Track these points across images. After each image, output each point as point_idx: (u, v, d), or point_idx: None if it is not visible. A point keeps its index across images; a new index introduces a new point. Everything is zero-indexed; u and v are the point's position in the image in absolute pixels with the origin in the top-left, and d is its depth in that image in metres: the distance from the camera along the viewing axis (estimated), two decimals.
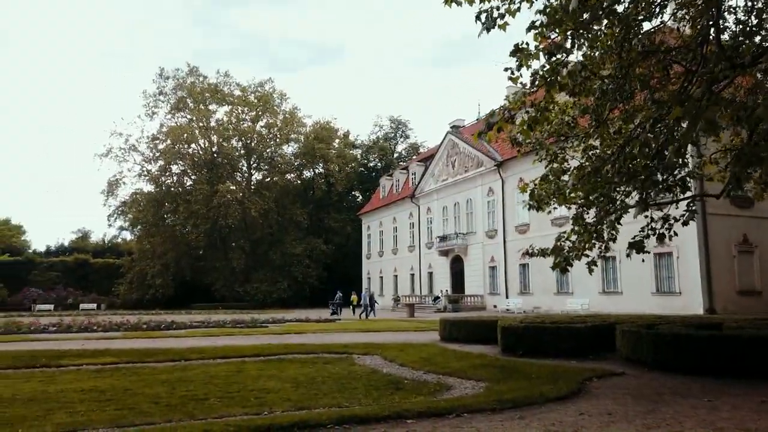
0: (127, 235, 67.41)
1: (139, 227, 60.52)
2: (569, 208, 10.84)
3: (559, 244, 9.71)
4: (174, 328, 21.59)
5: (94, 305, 55.59)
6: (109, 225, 73.75)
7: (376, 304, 34.61)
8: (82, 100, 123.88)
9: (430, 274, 46.08)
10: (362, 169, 67.97)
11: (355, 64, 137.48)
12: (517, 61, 7.16)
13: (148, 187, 59.52)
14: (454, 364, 10.16)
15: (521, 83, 7.70)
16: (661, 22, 9.18)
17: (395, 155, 68.58)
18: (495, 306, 36.62)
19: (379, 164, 67.56)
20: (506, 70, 7.33)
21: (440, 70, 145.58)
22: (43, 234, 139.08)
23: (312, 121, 64.52)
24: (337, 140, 65.47)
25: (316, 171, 65.19)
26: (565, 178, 9.94)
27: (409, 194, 48.91)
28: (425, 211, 47.39)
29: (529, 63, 7.20)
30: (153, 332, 20.07)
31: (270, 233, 58.10)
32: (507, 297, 36.01)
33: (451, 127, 44.92)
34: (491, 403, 6.58)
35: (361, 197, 68.18)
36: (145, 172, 58.92)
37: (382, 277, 54.19)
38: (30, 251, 69.74)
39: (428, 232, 46.83)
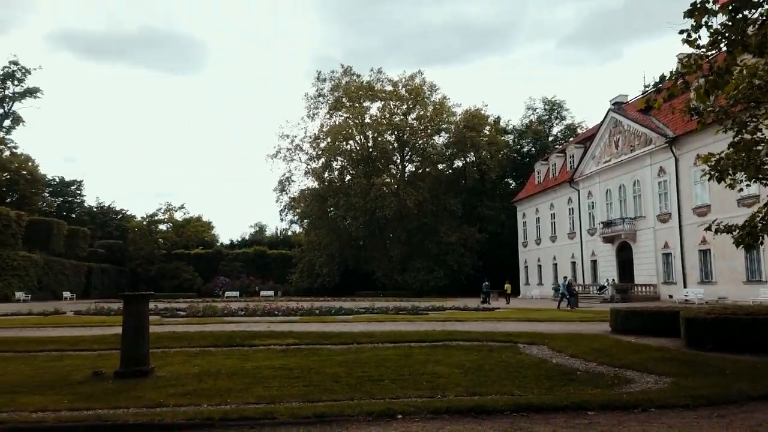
0: (297, 228, 73.38)
1: (306, 221, 65.49)
2: (766, 185, 9.47)
3: (752, 220, 8.47)
4: (342, 313, 23.05)
5: (272, 292, 61.52)
6: (281, 219, 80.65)
7: (575, 293, 30.64)
8: (254, 104, 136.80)
9: (594, 262, 43.47)
10: (515, 155, 66.10)
11: (505, 49, 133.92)
12: (693, 21, 6.48)
13: (313, 184, 64.03)
14: (631, 357, 9.53)
15: (697, 45, 6.94)
16: None
17: (550, 138, 65.54)
18: (671, 296, 33.44)
19: (533, 149, 65.13)
20: (682, 32, 6.67)
21: (596, 46, 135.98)
22: (228, 228, 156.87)
23: (462, 110, 64.27)
24: (488, 127, 64.42)
25: (468, 159, 64.82)
26: (759, 148, 8.72)
27: (568, 178, 46.50)
28: (586, 195, 44.74)
29: (708, 22, 6.47)
30: (325, 317, 21.63)
31: (425, 223, 59.17)
32: (685, 286, 32.67)
33: (612, 104, 41.77)
34: (682, 399, 6.08)
35: (514, 184, 66.41)
36: (310, 170, 63.47)
37: (540, 266, 52.36)
38: (218, 244, 78.97)
39: (590, 217, 44.17)
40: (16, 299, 44.73)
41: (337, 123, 62.44)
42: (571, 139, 57.80)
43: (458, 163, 66.02)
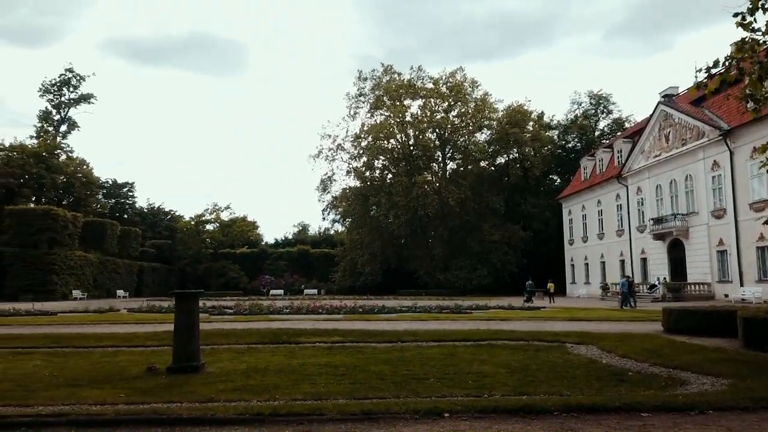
0: (339, 227, 74.03)
1: (348, 220, 65.97)
2: None
3: None
4: (385, 312, 23.12)
5: (315, 290, 62.31)
6: (323, 218, 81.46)
7: (637, 292, 29.70)
8: (297, 105, 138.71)
9: (644, 260, 42.14)
10: (560, 150, 64.77)
11: (548, 42, 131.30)
12: (750, 2, 6.21)
13: (355, 183, 64.45)
14: (685, 358, 9.20)
15: (752, 29, 6.64)
16: None
17: (596, 133, 63.89)
18: (726, 295, 32.07)
19: (578, 144, 63.65)
20: (736, 15, 6.40)
21: (645, 36, 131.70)
22: (272, 228, 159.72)
23: (504, 106, 63.40)
24: (531, 123, 63.32)
25: (511, 156, 63.91)
26: None
27: (615, 174, 45.21)
28: (635, 191, 43.41)
29: (765, 4, 6.20)
30: (368, 315, 21.75)
31: (467, 221, 58.66)
32: (741, 285, 31.28)
33: (662, 97, 40.37)
34: (741, 401, 5.83)
35: (559, 180, 65.08)
36: (351, 169, 63.89)
37: (587, 264, 51.13)
38: (263, 243, 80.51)
39: (639, 214, 42.83)
40: (73, 297, 46.80)
41: (378, 122, 62.58)
42: (619, 133, 56.18)
43: (501, 160, 65.20)
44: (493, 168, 65.45)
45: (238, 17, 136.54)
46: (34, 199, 60.09)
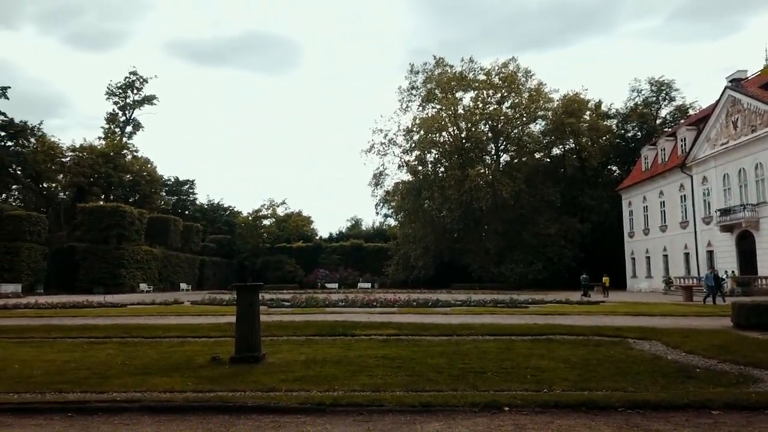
0: (392, 222, 74.36)
1: (401, 214, 66.10)
2: None
3: None
4: (440, 305, 23.06)
5: (369, 284, 62.87)
6: (376, 213, 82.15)
7: (724, 285, 28.31)
8: (349, 100, 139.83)
9: (710, 252, 40.19)
10: (618, 140, 62.51)
11: (606, 29, 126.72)
12: None
13: (407, 177, 64.43)
14: (758, 355, 8.77)
15: None
16: None
17: (658, 121, 61.21)
18: None
19: (638, 133, 61.20)
20: None
21: (711, 19, 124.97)
22: (326, 222, 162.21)
23: (559, 96, 61.73)
24: (588, 112, 61.40)
25: (567, 147, 62.25)
26: None
27: (679, 163, 43.27)
28: (700, 181, 41.42)
29: None
30: (422, 309, 21.78)
31: (522, 214, 57.62)
32: None
33: (729, 82, 38.29)
34: None
35: (618, 171, 62.86)
36: (404, 163, 63.92)
37: (648, 257, 49.25)
38: (317, 238, 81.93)
39: (705, 205, 40.86)
40: (140, 290, 49.13)
41: (429, 115, 62.25)
42: (682, 121, 53.67)
43: (556, 151, 63.69)
44: (548, 159, 63.99)
45: (290, 14, 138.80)
46: (103, 197, 63.38)
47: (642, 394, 6.10)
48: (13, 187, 59.49)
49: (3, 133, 55.49)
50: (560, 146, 62.49)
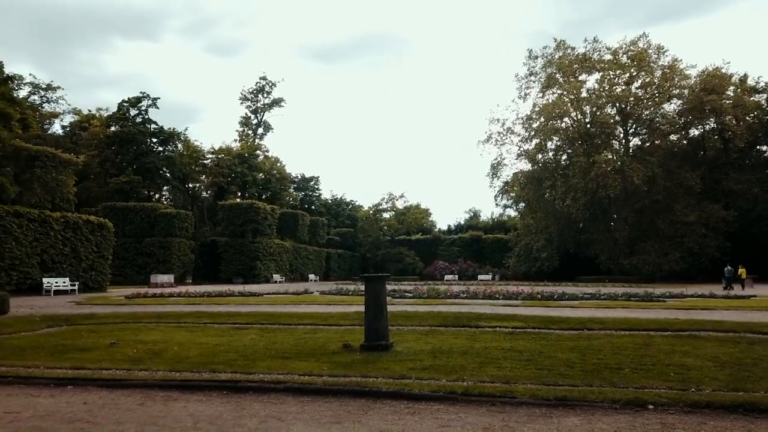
0: (511, 212, 72.67)
1: (521, 204, 64.35)
2: None
3: None
4: (566, 298, 22.15)
5: (489, 276, 62.05)
6: (496, 204, 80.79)
7: None
8: (466, 90, 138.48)
9: None
10: None
11: None
12: None
13: (527, 166, 62.51)
14: None
15: None
16: None
17: None
18: None
19: None
20: None
21: None
22: (444, 214, 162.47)
23: (697, 72, 56.25)
24: (731, 88, 55.32)
25: (707, 127, 56.62)
26: None
27: None
28: None
29: None
30: (548, 302, 21.06)
31: (656, 201, 53.39)
32: None
33: None
34: None
35: None
36: (523, 152, 62.01)
37: None
38: (436, 230, 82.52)
39: None
40: (273, 280, 52.85)
41: (550, 101, 59.69)
42: None
43: (695, 132, 58.23)
44: (685, 141, 58.80)
45: (405, 6, 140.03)
46: (239, 194, 68.92)
47: None
48: (165, 188, 66.50)
49: (155, 140, 62.40)
50: (699, 126, 57.04)
